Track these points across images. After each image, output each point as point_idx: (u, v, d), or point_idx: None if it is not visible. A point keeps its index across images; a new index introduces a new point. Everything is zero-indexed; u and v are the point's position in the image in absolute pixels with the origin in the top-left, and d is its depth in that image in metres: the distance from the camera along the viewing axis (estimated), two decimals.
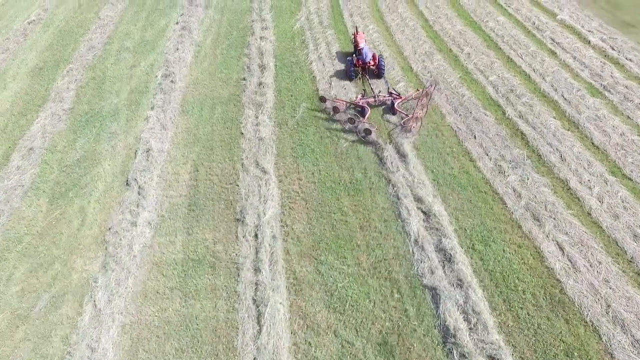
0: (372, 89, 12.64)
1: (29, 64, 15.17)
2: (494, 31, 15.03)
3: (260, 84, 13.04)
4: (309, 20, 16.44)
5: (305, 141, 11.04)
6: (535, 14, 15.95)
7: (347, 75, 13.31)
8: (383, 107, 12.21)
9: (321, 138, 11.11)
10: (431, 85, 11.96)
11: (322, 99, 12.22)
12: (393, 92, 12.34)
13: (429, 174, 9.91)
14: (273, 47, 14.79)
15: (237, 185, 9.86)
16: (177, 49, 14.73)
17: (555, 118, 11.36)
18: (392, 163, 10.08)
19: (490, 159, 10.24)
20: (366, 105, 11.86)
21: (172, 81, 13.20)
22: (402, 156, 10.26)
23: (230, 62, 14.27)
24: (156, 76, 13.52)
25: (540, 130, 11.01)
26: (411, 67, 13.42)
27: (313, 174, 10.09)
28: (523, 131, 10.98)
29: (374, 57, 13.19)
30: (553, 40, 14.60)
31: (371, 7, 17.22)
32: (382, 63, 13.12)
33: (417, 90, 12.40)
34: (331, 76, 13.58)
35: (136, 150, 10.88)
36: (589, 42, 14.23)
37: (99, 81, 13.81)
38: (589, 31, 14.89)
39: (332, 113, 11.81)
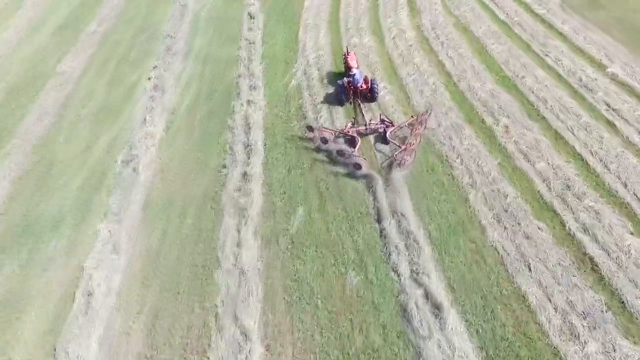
0: (363, 115, 11.77)
1: None
2: (533, 92, 12.30)
3: (244, 175, 10.31)
4: (306, 75, 13.63)
5: (302, 273, 8.24)
6: (580, 66, 13.22)
7: (337, 99, 12.40)
8: (375, 134, 11.28)
9: (323, 267, 8.32)
10: (426, 112, 11.28)
11: (310, 128, 11.37)
12: (385, 119, 11.46)
13: (473, 339, 7.27)
14: (263, 116, 12.03)
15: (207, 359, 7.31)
16: (145, 120, 12.01)
17: (633, 234, 8.72)
18: (421, 321, 7.21)
19: (557, 310, 7.58)
20: (356, 135, 11.05)
21: (134, 169, 10.51)
22: (436, 307, 7.56)
23: (209, 139, 11.47)
24: (116, 161, 10.83)
25: (615, 256, 8.28)
26: (434, 145, 10.65)
27: (313, 336, 7.38)
28: (592, 257, 8.23)
29: (365, 80, 12.37)
30: (608, 105, 11.79)
31: (381, 55, 14.30)
32: (375, 86, 12.28)
33: (412, 117, 11.48)
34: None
35: (74, 292, 8.14)
36: None
37: (44, 168, 11.08)
38: None
39: (320, 144, 11.00)
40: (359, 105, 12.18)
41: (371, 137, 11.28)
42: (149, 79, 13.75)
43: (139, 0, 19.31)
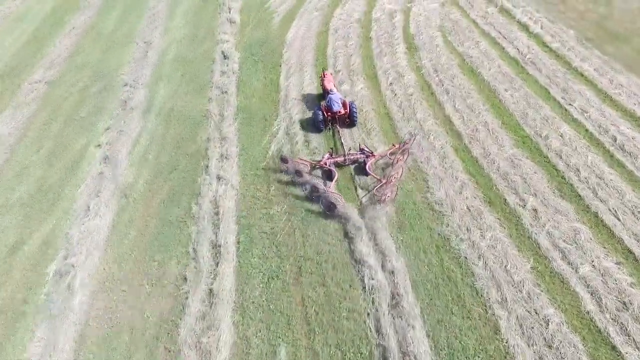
0: (342, 143, 10.89)
1: None
2: (561, 157, 10.23)
3: (210, 293, 8.16)
4: (289, 135, 11.37)
5: None
6: (612, 119, 11.16)
7: (314, 125, 11.52)
8: (355, 165, 10.33)
9: None
10: (410, 139, 10.47)
11: (284, 160, 10.44)
12: (365, 149, 10.58)
13: None
14: (236, 199, 9.74)
15: None
16: (89, 209, 9.64)
17: None
18: None
19: None
20: (333, 169, 10.13)
21: (69, 287, 8.13)
22: None
23: (169, 236, 9.12)
24: (46, 275, 8.47)
25: None
26: (449, 240, 8.44)
27: None
28: None
29: (344, 104, 11.51)
30: None
31: (378, 108, 11.92)
32: (355, 110, 11.42)
33: (393, 145, 10.60)
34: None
35: None
36: None
37: None
38: None
39: (294, 177, 10.11)
40: (338, 131, 11.25)
41: (352, 168, 10.00)
42: (99, 146, 11.38)
43: (94, 39, 16.98)
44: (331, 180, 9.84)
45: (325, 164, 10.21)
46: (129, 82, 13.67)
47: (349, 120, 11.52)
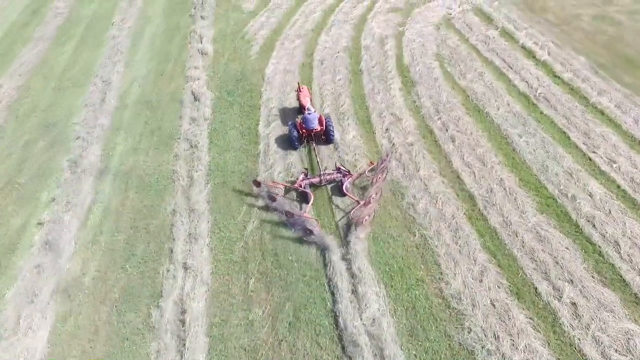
0: (318, 162, 10.39)
1: None
2: (594, 225, 8.43)
3: None
4: (270, 210, 9.50)
5: None
6: None
7: (290, 143, 10.98)
8: (332, 185, 9.80)
9: None
10: (386, 156, 10.08)
11: (256, 183, 9.87)
12: (342, 168, 10.11)
13: None
14: (206, 297, 7.82)
15: None
16: (20, 325, 7.58)
17: None
18: None
19: None
20: (309, 191, 9.62)
21: None
22: None
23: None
24: None
25: None
26: (473, 354, 6.74)
27: None
28: None
29: (320, 120, 10.92)
30: None
31: (374, 158, 10.02)
32: (331, 126, 10.87)
33: (371, 163, 10.18)
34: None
35: None
36: None
37: None
38: None
39: (268, 201, 9.57)
40: (314, 149, 10.70)
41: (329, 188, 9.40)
42: (40, 224, 9.41)
43: (45, 78, 14.81)
44: (307, 203, 9.33)
45: (300, 186, 9.64)
46: (81, 135, 11.62)
47: (325, 137, 10.97)
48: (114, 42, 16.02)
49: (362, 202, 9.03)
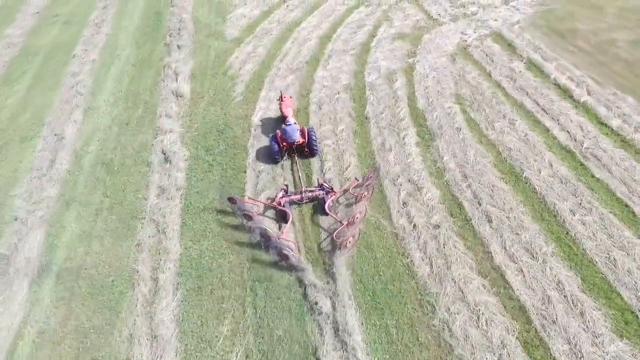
0: (300, 177, 9.70)
1: None
2: None
3: None
4: (261, 330, 7.20)
5: None
6: None
7: (270, 156, 10.27)
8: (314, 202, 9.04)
9: None
10: (373, 172, 9.42)
11: (231, 200, 8.96)
12: (325, 185, 9.32)
13: None
14: None
15: None
16: None
17: None
18: None
19: None
20: (288, 210, 8.79)
21: None
22: None
23: None
24: None
25: None
26: None
27: None
28: None
29: (302, 132, 10.24)
30: None
31: (391, 259, 7.89)
32: (314, 138, 10.17)
33: (355, 179, 9.33)
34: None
35: None
36: None
37: None
38: None
39: (244, 221, 8.75)
40: (297, 163, 10.09)
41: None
42: None
43: None
44: (285, 222, 8.63)
45: (280, 204, 8.94)
46: (20, 216, 9.16)
47: (307, 150, 10.24)
48: (73, 81, 13.52)
49: (345, 223, 8.40)
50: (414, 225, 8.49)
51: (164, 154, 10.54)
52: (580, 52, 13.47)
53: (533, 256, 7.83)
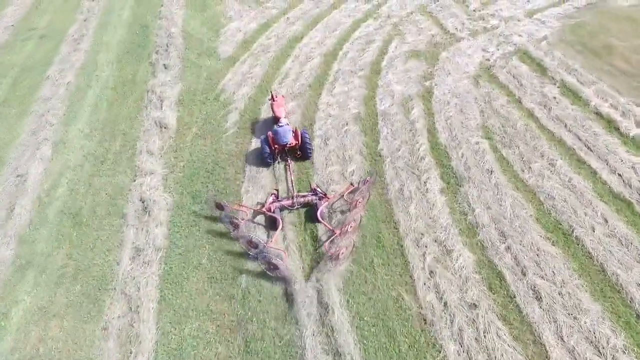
0: (292, 181, 9.07)
1: None
2: None
3: None
4: None
5: None
6: None
7: (261, 159, 9.66)
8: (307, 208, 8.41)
9: None
10: (370, 177, 8.80)
11: (219, 206, 8.43)
12: (318, 189, 8.76)
13: None
14: None
15: None
16: None
17: None
18: None
19: None
20: (277, 217, 8.23)
21: None
22: None
23: None
24: None
25: None
26: None
27: None
28: None
29: (295, 134, 9.66)
30: None
31: (414, 335, 6.29)
32: (307, 139, 9.58)
33: (351, 184, 8.75)
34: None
35: None
36: None
37: None
38: None
39: (230, 228, 8.25)
40: (289, 166, 9.56)
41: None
42: None
43: None
44: (275, 230, 8.16)
45: (269, 210, 8.46)
46: None
47: (300, 153, 9.76)
48: (44, 108, 11.85)
49: (337, 232, 7.88)
50: (445, 304, 6.90)
51: (143, 202, 8.92)
52: (620, 74, 11.83)
53: (599, 352, 6.27)
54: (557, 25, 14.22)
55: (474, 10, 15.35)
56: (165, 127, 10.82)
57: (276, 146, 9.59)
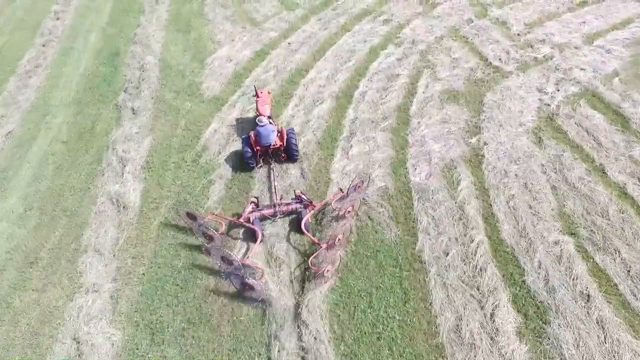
0: (275, 186, 8.12)
1: None
2: None
3: None
4: None
5: None
6: None
7: (243, 161, 8.67)
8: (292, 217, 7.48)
9: None
10: (361, 182, 7.77)
11: (190, 216, 7.36)
12: (303, 197, 7.82)
13: None
14: None
15: None
16: None
17: None
18: None
19: None
20: (258, 228, 7.33)
21: None
22: None
23: None
24: None
25: None
26: None
27: None
28: None
29: (280, 134, 8.73)
30: None
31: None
32: (293, 141, 8.62)
33: (340, 190, 7.76)
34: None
35: None
36: None
37: None
38: None
39: (203, 241, 7.29)
40: (273, 170, 8.45)
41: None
42: None
43: None
44: (254, 241, 7.10)
45: (248, 220, 7.36)
46: None
47: (285, 155, 8.70)
48: None
49: (323, 245, 6.84)
50: None
51: (78, 344, 6.22)
52: None
53: None
54: (626, 56, 11.36)
55: (517, 34, 12.56)
56: (124, 207, 8.02)
57: (258, 148, 8.60)
